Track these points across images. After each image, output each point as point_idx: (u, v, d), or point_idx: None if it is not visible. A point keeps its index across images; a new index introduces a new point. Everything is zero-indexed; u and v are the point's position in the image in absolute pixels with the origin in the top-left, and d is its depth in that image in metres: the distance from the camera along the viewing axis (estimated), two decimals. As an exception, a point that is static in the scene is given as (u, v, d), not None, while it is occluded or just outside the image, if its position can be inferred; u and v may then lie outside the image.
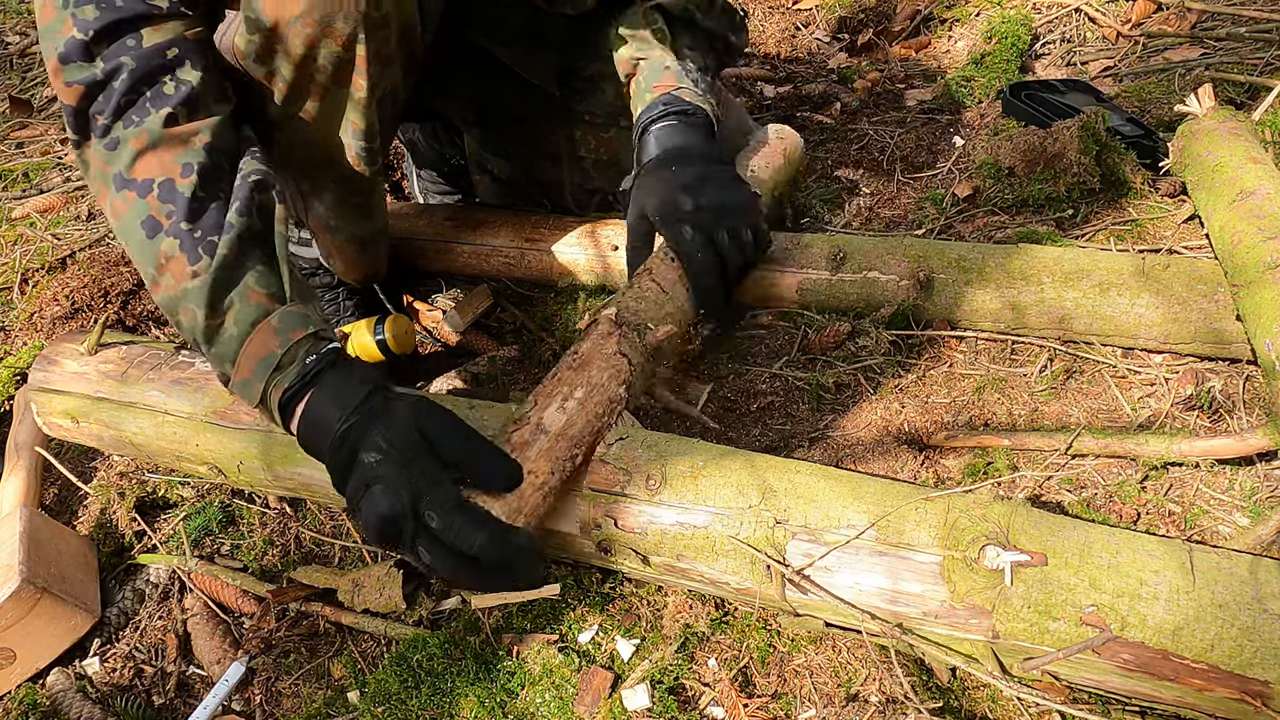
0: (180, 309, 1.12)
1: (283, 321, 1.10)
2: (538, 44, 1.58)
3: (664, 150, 1.41)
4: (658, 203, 1.35)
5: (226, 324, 1.10)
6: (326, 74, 1.23)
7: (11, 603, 1.24)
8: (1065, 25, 2.33)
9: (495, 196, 1.90)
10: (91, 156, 1.14)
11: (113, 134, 1.12)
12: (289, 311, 1.12)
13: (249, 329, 1.10)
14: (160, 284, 1.12)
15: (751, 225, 1.36)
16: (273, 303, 1.12)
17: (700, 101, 1.45)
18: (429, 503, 0.98)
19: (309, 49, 1.19)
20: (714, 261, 1.33)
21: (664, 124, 1.44)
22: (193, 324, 1.11)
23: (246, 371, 1.09)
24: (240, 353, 1.10)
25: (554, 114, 1.68)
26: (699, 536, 1.02)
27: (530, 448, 1.05)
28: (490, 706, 1.07)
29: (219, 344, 1.11)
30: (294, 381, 1.08)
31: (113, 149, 1.12)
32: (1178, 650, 0.83)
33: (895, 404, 1.34)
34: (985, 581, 0.89)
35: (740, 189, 1.37)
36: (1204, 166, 1.43)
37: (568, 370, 1.15)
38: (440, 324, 1.72)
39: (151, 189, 1.11)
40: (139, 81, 1.11)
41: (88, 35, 1.09)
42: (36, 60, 3.43)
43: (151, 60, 1.12)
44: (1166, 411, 1.25)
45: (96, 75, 1.10)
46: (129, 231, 1.13)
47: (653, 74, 1.48)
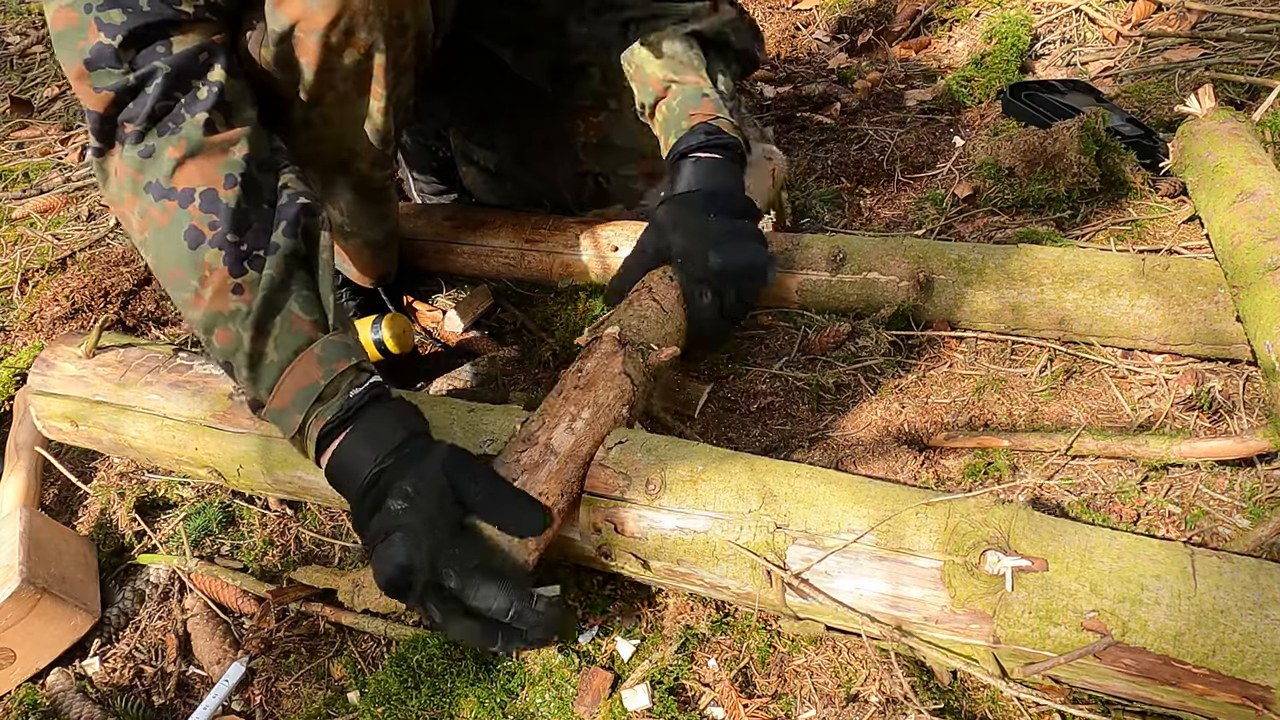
0: (219, 329, 1.09)
1: (326, 351, 1.09)
2: (529, 43, 1.59)
3: (702, 187, 1.41)
4: (685, 249, 1.36)
5: (268, 350, 1.08)
6: (348, 81, 1.24)
7: (11, 603, 1.24)
8: (1065, 25, 2.33)
9: (483, 186, 1.91)
10: (117, 165, 1.11)
11: (147, 141, 1.09)
12: (332, 341, 1.10)
13: (291, 356, 1.08)
14: (202, 296, 1.09)
15: (757, 286, 1.38)
16: (316, 330, 1.11)
17: (736, 134, 1.46)
18: (448, 559, 0.98)
19: (331, 57, 1.19)
20: (718, 327, 1.37)
21: (704, 156, 1.43)
22: (233, 346, 1.09)
23: (285, 400, 1.08)
24: (280, 380, 1.08)
25: (544, 107, 1.68)
26: (699, 541, 1.02)
27: (540, 469, 1.06)
28: (490, 707, 1.07)
29: (259, 369, 1.09)
30: (335, 415, 1.07)
31: (148, 156, 1.09)
32: (1179, 655, 0.83)
33: (895, 404, 1.34)
34: (986, 587, 0.89)
35: (760, 252, 1.36)
36: (1204, 167, 1.43)
37: (574, 389, 1.15)
38: (440, 324, 1.72)
39: (193, 199, 1.08)
40: (173, 86, 1.09)
41: (116, 40, 1.07)
42: (37, 60, 3.42)
43: (184, 64, 1.10)
44: (1166, 412, 1.25)
45: (129, 81, 1.08)
46: (166, 241, 1.10)
47: (689, 100, 1.47)
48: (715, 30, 1.51)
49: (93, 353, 1.43)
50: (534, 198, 1.87)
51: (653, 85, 1.51)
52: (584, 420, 1.11)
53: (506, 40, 1.58)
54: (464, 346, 1.69)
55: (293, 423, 1.08)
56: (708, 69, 1.50)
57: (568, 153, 1.72)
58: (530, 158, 1.78)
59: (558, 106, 1.67)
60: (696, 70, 1.49)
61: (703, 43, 1.52)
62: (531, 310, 1.72)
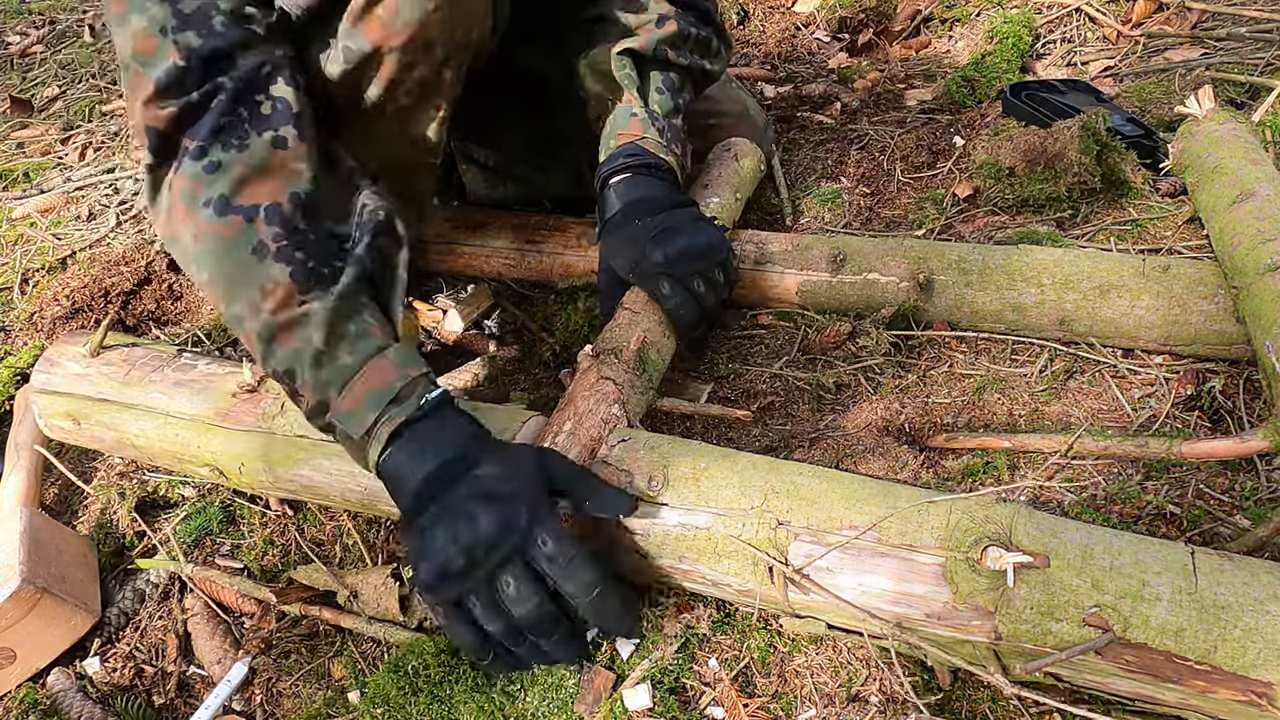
0: (282, 335, 1.09)
1: (400, 358, 1.09)
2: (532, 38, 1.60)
3: (626, 204, 1.41)
4: (628, 261, 1.36)
5: (341, 354, 1.08)
6: (412, 96, 1.25)
7: (11, 603, 1.24)
8: (1065, 25, 2.33)
9: (483, 184, 1.91)
10: (176, 179, 1.10)
11: (210, 156, 1.08)
12: (403, 350, 1.11)
13: (364, 361, 1.08)
14: (261, 309, 1.08)
15: (720, 262, 1.37)
16: (388, 339, 1.11)
17: (663, 153, 1.45)
18: (544, 524, 0.97)
19: (402, 73, 1.21)
20: (693, 309, 1.34)
21: (624, 176, 1.44)
22: (300, 348, 1.08)
23: (355, 402, 1.07)
24: (351, 383, 1.08)
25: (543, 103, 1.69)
26: (701, 538, 1.02)
27: None
28: (490, 711, 1.07)
29: (328, 371, 1.08)
30: (411, 415, 1.06)
31: (212, 171, 1.08)
32: (1181, 652, 0.83)
33: (895, 404, 1.34)
34: (988, 583, 0.89)
35: (704, 229, 1.37)
36: (1204, 168, 1.43)
37: (556, 414, 1.17)
38: (440, 324, 1.72)
39: (258, 214, 1.08)
40: (237, 103, 1.09)
41: (189, 62, 1.08)
42: (37, 60, 3.42)
43: (248, 79, 1.10)
44: (1166, 412, 1.25)
45: (193, 99, 1.08)
46: (227, 255, 1.09)
47: (618, 120, 1.48)
48: (652, 47, 1.49)
49: (97, 351, 1.43)
50: (535, 195, 1.87)
51: (594, 102, 1.54)
52: (565, 432, 1.13)
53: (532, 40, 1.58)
54: (464, 346, 1.69)
55: (363, 423, 1.06)
56: (640, 88, 1.50)
57: (569, 149, 1.72)
58: (531, 154, 1.79)
59: (557, 102, 1.67)
60: (628, 89, 1.49)
61: (638, 60, 1.50)
62: (531, 310, 1.72)
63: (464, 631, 0.99)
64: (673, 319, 1.35)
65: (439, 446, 1.04)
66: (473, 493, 0.98)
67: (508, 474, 1.00)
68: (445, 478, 1.02)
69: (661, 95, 1.52)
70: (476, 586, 0.97)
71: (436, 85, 1.25)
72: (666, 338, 1.35)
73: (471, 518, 0.96)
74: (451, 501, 0.99)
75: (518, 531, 0.96)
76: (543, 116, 1.73)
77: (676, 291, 1.33)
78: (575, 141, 1.73)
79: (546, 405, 1.39)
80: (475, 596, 0.97)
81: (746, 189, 1.73)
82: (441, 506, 0.99)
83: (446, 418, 1.08)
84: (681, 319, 1.34)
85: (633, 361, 1.25)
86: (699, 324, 1.36)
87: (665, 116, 1.50)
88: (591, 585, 0.97)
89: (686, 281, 1.33)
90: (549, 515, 0.98)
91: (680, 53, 1.53)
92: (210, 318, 1.84)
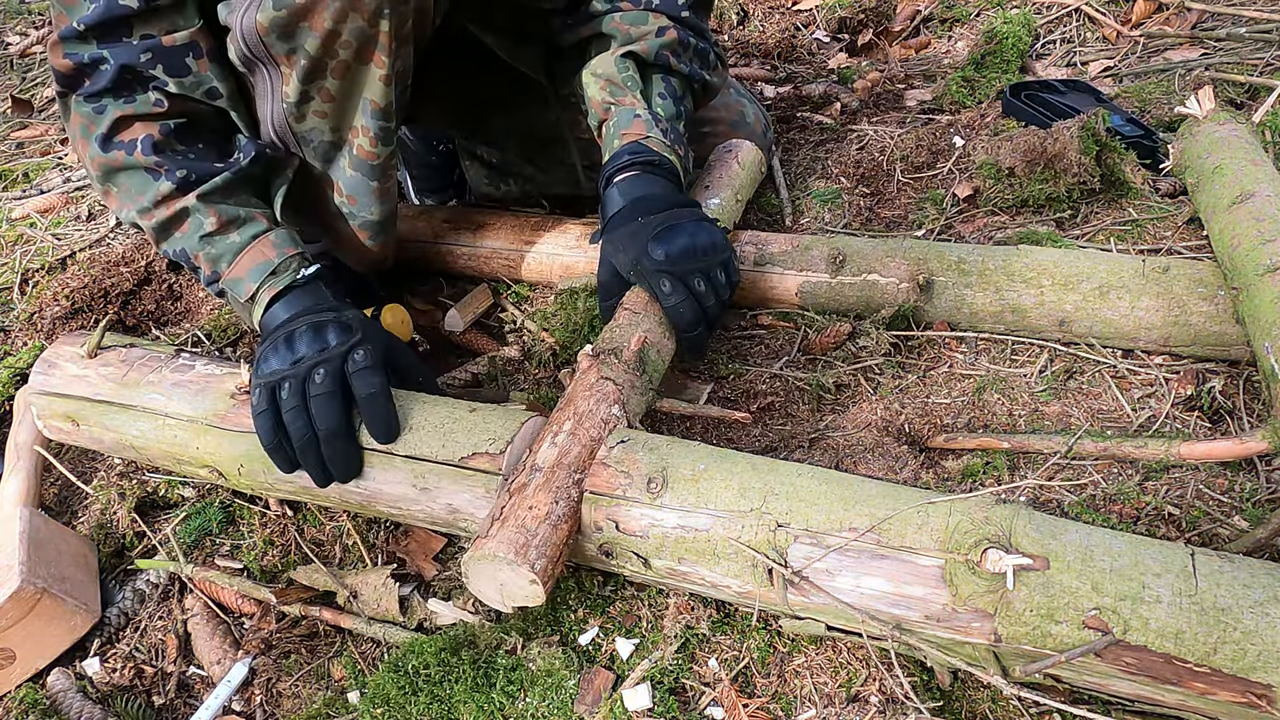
0: (174, 226, 1.33)
1: (278, 238, 1.34)
2: (524, 38, 1.59)
3: (628, 202, 1.41)
4: (629, 258, 1.35)
5: (231, 234, 1.32)
6: (350, 49, 1.28)
7: (11, 603, 1.24)
8: (1065, 25, 2.33)
9: (485, 181, 1.91)
10: (74, 111, 1.31)
11: (100, 101, 1.29)
12: (283, 231, 1.35)
13: (250, 240, 1.32)
14: (154, 214, 1.32)
15: (722, 263, 1.36)
16: (271, 223, 1.36)
17: (666, 152, 1.46)
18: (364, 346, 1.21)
19: (336, 24, 1.24)
20: (693, 308, 1.33)
21: (628, 175, 1.44)
22: (188, 233, 1.32)
23: (242, 271, 1.31)
24: (239, 256, 1.32)
25: (541, 102, 1.68)
26: (701, 539, 1.02)
27: (527, 487, 1.07)
28: (490, 711, 1.07)
29: (219, 246, 1.32)
30: (286, 284, 1.30)
31: (100, 113, 1.29)
32: (1180, 654, 0.83)
33: (895, 404, 1.34)
34: (987, 585, 0.89)
35: (706, 229, 1.37)
36: (1204, 168, 1.43)
37: (556, 413, 1.17)
38: (440, 324, 1.72)
39: (136, 146, 1.29)
40: (123, 73, 1.27)
41: (81, 27, 1.24)
42: (37, 60, 3.42)
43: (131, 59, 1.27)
44: (1166, 413, 1.25)
45: (84, 60, 1.27)
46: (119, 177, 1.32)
47: (622, 121, 1.49)
48: (653, 52, 1.50)
49: (95, 352, 1.42)
50: (535, 194, 1.87)
51: (596, 109, 1.53)
52: (565, 432, 1.12)
53: (500, 30, 1.58)
54: (464, 346, 1.69)
55: (246, 290, 1.31)
56: (643, 91, 1.51)
57: (568, 147, 1.73)
58: (532, 153, 1.79)
59: (554, 101, 1.68)
60: (630, 91, 1.50)
61: (640, 64, 1.52)
62: (531, 310, 1.72)
63: (265, 421, 1.19)
64: (672, 318, 1.34)
65: (304, 305, 1.29)
66: (322, 321, 1.24)
67: (353, 319, 1.25)
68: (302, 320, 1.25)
69: (664, 100, 1.52)
70: (294, 374, 1.19)
71: (374, 38, 1.27)
72: (666, 338, 1.35)
73: (317, 329, 1.23)
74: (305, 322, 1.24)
75: (346, 344, 1.21)
76: (538, 117, 1.73)
77: (677, 290, 1.32)
78: (571, 143, 1.73)
79: (546, 405, 1.39)
80: (289, 384, 1.18)
81: (747, 190, 1.73)
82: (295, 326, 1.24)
83: (316, 289, 1.33)
84: (681, 318, 1.34)
85: (633, 362, 1.25)
86: (698, 324, 1.34)
87: (668, 119, 1.50)
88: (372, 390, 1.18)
89: (687, 280, 1.32)
90: (373, 341, 1.23)
91: (681, 60, 1.54)
92: (210, 318, 1.84)
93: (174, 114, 1.31)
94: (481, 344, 1.68)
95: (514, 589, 1.04)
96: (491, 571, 1.03)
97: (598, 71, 1.52)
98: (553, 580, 1.05)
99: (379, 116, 1.36)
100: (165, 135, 1.30)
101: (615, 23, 1.51)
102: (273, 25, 1.24)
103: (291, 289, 1.31)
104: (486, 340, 1.68)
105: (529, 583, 1.02)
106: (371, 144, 1.39)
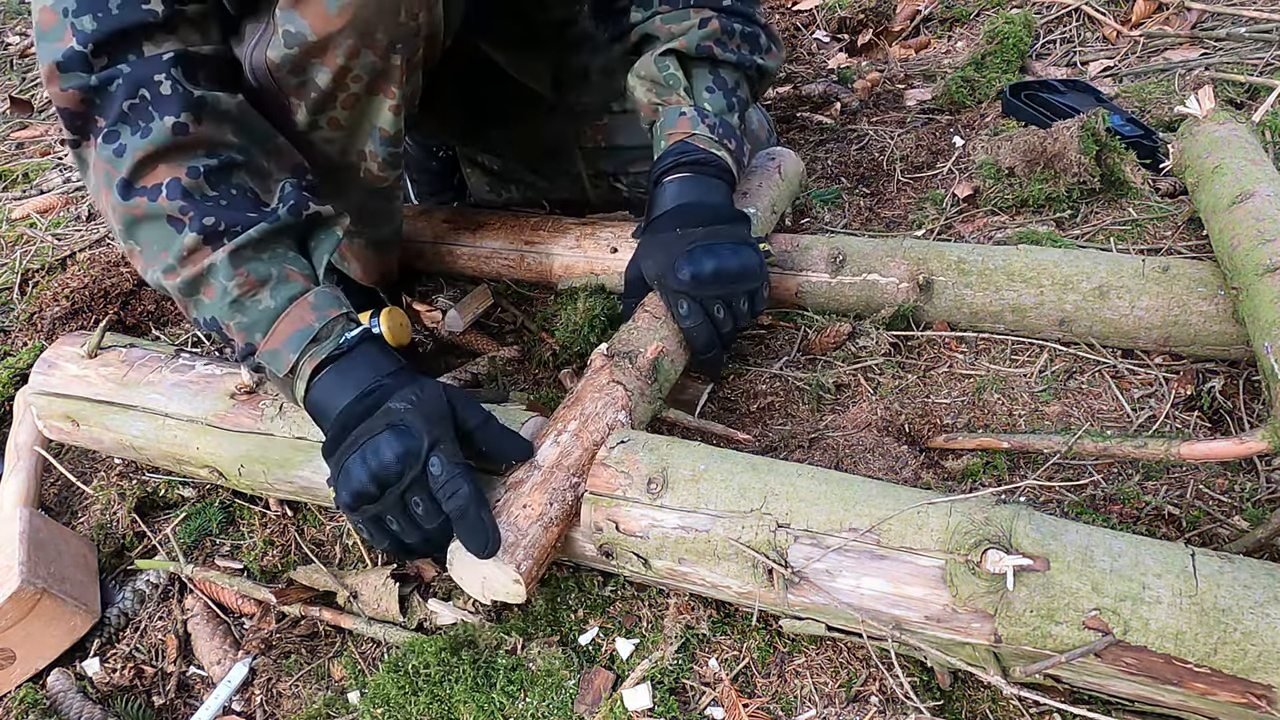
0: (206, 286, 1.14)
1: (319, 299, 1.15)
2: (530, 51, 1.58)
3: (673, 205, 1.38)
4: (657, 268, 1.33)
5: (263, 296, 1.14)
6: (361, 83, 1.24)
7: (11, 603, 1.24)
8: (1065, 25, 2.33)
9: (486, 188, 1.90)
10: (95, 160, 1.14)
11: (120, 139, 1.12)
12: (324, 291, 1.17)
13: (286, 303, 1.14)
14: (179, 272, 1.14)
15: (749, 291, 1.33)
16: (309, 282, 1.17)
17: (715, 148, 1.42)
18: (439, 451, 1.03)
19: (349, 60, 1.20)
20: (708, 333, 1.32)
21: (675, 176, 1.40)
22: (220, 296, 1.14)
23: (278, 342, 1.13)
24: (275, 324, 1.14)
25: (545, 112, 1.67)
26: (701, 540, 1.02)
27: (524, 484, 1.07)
28: (490, 711, 1.07)
29: (251, 313, 1.14)
30: (331, 353, 1.12)
31: (120, 155, 1.12)
32: (1180, 654, 0.83)
33: (895, 405, 1.34)
34: (987, 585, 0.89)
35: (743, 253, 1.32)
36: (1204, 168, 1.43)
37: (563, 409, 1.17)
38: (440, 324, 1.72)
39: (160, 192, 1.12)
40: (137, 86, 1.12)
41: (87, 47, 1.10)
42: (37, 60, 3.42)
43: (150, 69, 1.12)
44: (1166, 412, 1.25)
45: (91, 82, 1.11)
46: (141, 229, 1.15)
47: (668, 121, 1.45)
48: (694, 45, 1.46)
49: (95, 352, 1.42)
50: (537, 199, 1.87)
51: (645, 112, 1.50)
52: (569, 433, 1.12)
53: (507, 44, 1.57)
54: (464, 346, 1.69)
55: (285, 362, 1.13)
56: (688, 87, 1.47)
57: (573, 157, 1.72)
58: (535, 162, 1.78)
59: (559, 111, 1.67)
60: (675, 90, 1.46)
61: (683, 60, 1.47)
62: (531, 310, 1.72)
63: (384, 541, 1.08)
64: (687, 338, 1.33)
65: (357, 380, 1.12)
66: (382, 424, 1.05)
67: (415, 406, 1.06)
68: (360, 410, 1.09)
69: (712, 94, 1.47)
70: (392, 507, 1.05)
71: (386, 72, 1.24)
72: (681, 349, 1.34)
73: (379, 449, 1.04)
74: (363, 433, 1.06)
75: (419, 458, 1.03)
76: (541, 128, 1.72)
77: (694, 314, 1.30)
78: (575, 153, 1.73)
79: (547, 405, 1.39)
80: (393, 515, 1.05)
81: (784, 203, 1.69)
82: (355, 437, 1.07)
83: (365, 354, 1.14)
84: (695, 341, 1.32)
85: (647, 369, 1.24)
86: (711, 348, 1.33)
87: (715, 114, 1.46)
88: (465, 497, 1.02)
89: (707, 305, 1.30)
90: (444, 441, 1.05)
91: (726, 49, 1.48)
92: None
93: (202, 144, 1.15)
94: (481, 344, 1.68)
95: (496, 585, 1.04)
96: (476, 564, 1.03)
97: (641, 74, 1.48)
98: (536, 581, 1.06)
99: (387, 143, 1.34)
100: (194, 178, 1.13)
101: (656, 25, 1.48)
102: (284, 62, 1.20)
103: (337, 358, 1.13)
104: (486, 340, 1.68)
105: (512, 582, 1.03)
106: (380, 169, 1.38)
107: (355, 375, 1.12)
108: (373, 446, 1.04)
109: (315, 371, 1.12)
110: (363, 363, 1.13)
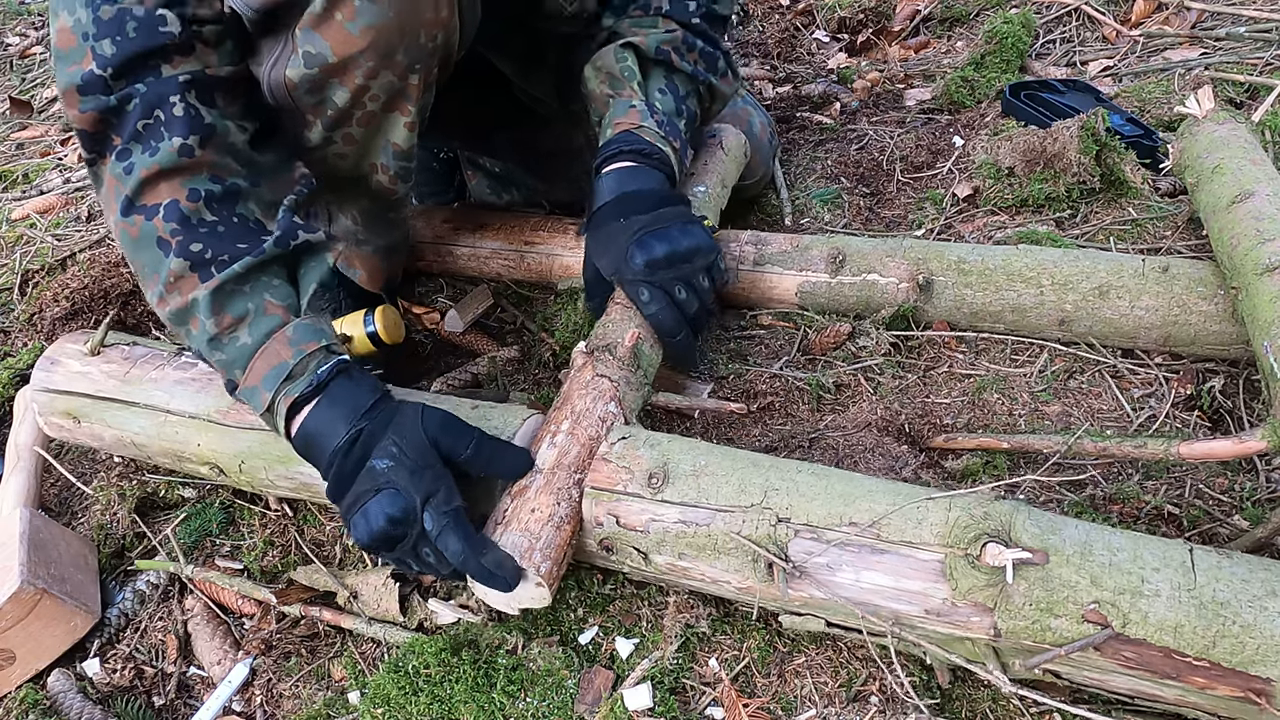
0: (191, 319, 1.14)
1: (296, 333, 1.13)
2: (537, 63, 1.59)
3: (614, 197, 1.38)
4: (611, 262, 1.34)
5: (240, 333, 1.13)
6: (379, 102, 1.26)
7: (11, 603, 1.24)
8: (1065, 25, 2.33)
9: (488, 190, 1.91)
10: (108, 177, 1.15)
11: (131, 157, 1.13)
12: (303, 324, 1.14)
13: (264, 339, 1.12)
14: (168, 301, 1.14)
15: (706, 267, 1.33)
16: (288, 315, 1.14)
17: (660, 143, 1.42)
18: (430, 505, 1.03)
19: (368, 80, 1.22)
20: (674, 317, 1.31)
21: (616, 166, 1.40)
22: (201, 331, 1.13)
23: (256, 379, 1.12)
24: (252, 361, 1.12)
25: (552, 118, 1.68)
26: (701, 534, 1.02)
27: (529, 490, 1.08)
28: (490, 711, 1.07)
29: (229, 350, 1.13)
30: (304, 391, 1.10)
31: (128, 173, 1.13)
32: (1179, 648, 0.83)
33: (895, 404, 1.34)
34: (987, 579, 0.89)
35: (691, 231, 1.33)
36: (1204, 168, 1.43)
37: (553, 412, 1.18)
38: (440, 324, 1.72)
39: (157, 212, 1.12)
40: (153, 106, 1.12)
41: (107, 72, 1.11)
42: (37, 61, 3.43)
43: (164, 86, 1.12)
44: (1166, 412, 1.25)
45: (110, 103, 1.11)
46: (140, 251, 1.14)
47: (617, 111, 1.46)
48: (653, 46, 1.46)
49: (98, 350, 1.43)
50: (537, 201, 1.87)
51: (597, 104, 1.50)
52: (564, 432, 1.13)
53: (515, 57, 1.57)
54: (464, 346, 1.69)
55: (263, 400, 1.12)
56: (641, 84, 1.47)
57: (575, 160, 1.72)
58: (537, 166, 1.79)
59: (562, 118, 1.67)
60: (629, 83, 1.46)
61: (641, 59, 1.48)
62: (531, 310, 1.72)
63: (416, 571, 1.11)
64: (652, 325, 1.32)
65: (335, 423, 1.09)
66: (371, 489, 1.05)
67: (398, 460, 1.05)
68: (348, 466, 1.08)
69: (664, 96, 1.48)
70: (407, 557, 1.07)
71: (404, 91, 1.25)
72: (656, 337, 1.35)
73: (371, 517, 1.04)
74: (356, 498, 1.06)
75: (415, 518, 1.03)
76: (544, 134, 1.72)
77: (656, 298, 1.30)
78: (575, 156, 1.72)
79: (546, 405, 1.39)
80: (410, 562, 1.08)
81: (733, 176, 1.69)
82: (353, 496, 1.07)
83: (341, 389, 1.11)
84: (661, 325, 1.32)
85: (628, 358, 1.25)
86: (679, 330, 1.32)
87: (666, 114, 1.47)
88: (459, 553, 1.02)
89: (668, 288, 1.30)
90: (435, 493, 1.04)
91: (684, 59, 1.49)
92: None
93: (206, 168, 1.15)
94: (481, 344, 1.68)
95: (520, 592, 1.04)
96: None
97: (598, 64, 1.49)
98: (558, 581, 1.06)
99: (400, 157, 1.35)
100: (195, 201, 1.13)
101: (625, 27, 1.50)
102: (303, 81, 1.21)
103: (311, 396, 1.11)
104: (486, 340, 1.68)
105: (535, 585, 1.03)
106: (390, 181, 1.38)
107: (334, 415, 1.10)
108: (365, 514, 1.04)
109: (292, 409, 1.11)
110: (341, 399, 1.11)
